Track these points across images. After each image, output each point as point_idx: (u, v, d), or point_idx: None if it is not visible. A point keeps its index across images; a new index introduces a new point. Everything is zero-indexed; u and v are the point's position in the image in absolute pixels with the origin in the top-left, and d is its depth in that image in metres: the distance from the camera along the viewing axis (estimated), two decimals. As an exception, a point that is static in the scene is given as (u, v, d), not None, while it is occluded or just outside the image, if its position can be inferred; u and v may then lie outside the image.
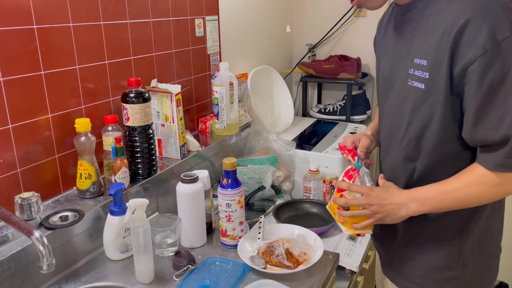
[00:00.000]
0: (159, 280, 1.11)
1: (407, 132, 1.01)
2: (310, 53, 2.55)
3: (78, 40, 1.23)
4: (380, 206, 1.00)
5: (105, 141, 1.30)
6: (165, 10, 1.55)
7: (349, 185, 1.05)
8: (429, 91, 0.92)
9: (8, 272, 0.97)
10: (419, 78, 0.94)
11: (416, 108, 0.97)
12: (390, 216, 1.01)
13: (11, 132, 1.09)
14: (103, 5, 1.30)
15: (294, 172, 1.80)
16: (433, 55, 0.90)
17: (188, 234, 1.26)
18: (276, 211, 1.47)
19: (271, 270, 1.12)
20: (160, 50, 1.55)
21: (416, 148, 1.01)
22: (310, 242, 1.20)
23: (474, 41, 0.83)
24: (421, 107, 0.95)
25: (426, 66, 0.92)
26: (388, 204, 1.00)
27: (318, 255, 1.14)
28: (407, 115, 1.00)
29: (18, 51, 1.08)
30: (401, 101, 1.02)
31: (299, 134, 2.06)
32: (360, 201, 1.03)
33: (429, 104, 0.94)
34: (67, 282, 1.10)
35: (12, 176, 1.10)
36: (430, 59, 0.91)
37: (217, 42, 1.87)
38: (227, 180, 1.21)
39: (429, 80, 0.92)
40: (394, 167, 1.09)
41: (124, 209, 1.15)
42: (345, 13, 2.41)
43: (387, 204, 1.00)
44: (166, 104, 1.43)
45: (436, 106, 0.92)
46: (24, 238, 1.01)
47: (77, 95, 1.26)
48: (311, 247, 1.18)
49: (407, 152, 1.03)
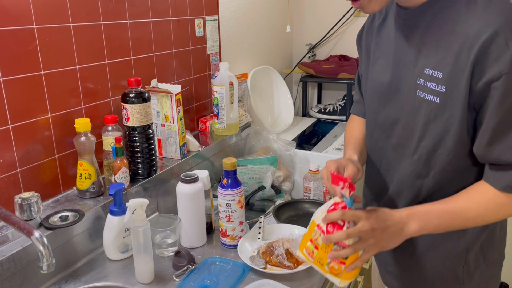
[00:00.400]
0: (159, 280, 1.11)
1: (419, 146, 0.95)
2: (310, 53, 2.55)
3: (78, 40, 1.23)
4: (383, 230, 0.89)
5: (105, 141, 1.30)
6: (165, 10, 1.55)
7: (343, 213, 0.89)
8: (445, 105, 0.87)
9: (8, 272, 0.97)
10: (432, 91, 0.88)
11: (430, 122, 0.91)
12: (392, 240, 0.90)
13: (11, 132, 1.09)
14: (103, 5, 1.30)
15: (294, 172, 1.80)
16: (450, 67, 0.84)
17: (188, 234, 1.26)
18: (276, 211, 1.47)
19: (271, 270, 1.12)
20: (160, 50, 1.55)
21: (426, 164, 0.95)
22: None
23: (500, 57, 0.78)
24: (435, 122, 0.90)
25: (441, 79, 0.86)
26: (391, 226, 0.89)
27: None
28: (419, 129, 0.93)
29: (18, 51, 1.08)
30: (410, 112, 0.95)
31: (299, 134, 2.06)
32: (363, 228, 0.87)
33: (444, 119, 0.88)
34: (67, 282, 1.10)
35: (12, 176, 1.10)
36: (446, 71, 0.85)
37: (217, 42, 1.87)
38: (227, 180, 1.21)
39: (446, 94, 0.86)
40: (401, 182, 1.02)
41: (124, 209, 1.15)
42: (345, 13, 2.41)
43: (390, 226, 0.89)
44: (166, 104, 1.43)
45: (452, 121, 0.87)
46: (24, 238, 1.01)
47: (77, 95, 1.26)
48: None
49: (417, 167, 0.97)
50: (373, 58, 1.07)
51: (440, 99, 0.87)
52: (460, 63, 0.83)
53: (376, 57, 1.06)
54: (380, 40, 1.05)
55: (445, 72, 0.85)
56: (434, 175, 0.95)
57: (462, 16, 0.83)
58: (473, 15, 0.82)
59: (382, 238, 0.89)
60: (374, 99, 1.07)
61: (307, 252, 0.96)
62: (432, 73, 0.88)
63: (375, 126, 1.08)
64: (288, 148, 1.80)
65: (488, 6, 0.81)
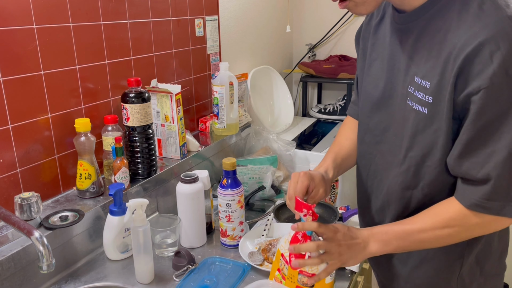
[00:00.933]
0: (159, 280, 1.11)
1: (407, 156, 0.92)
2: (310, 53, 2.55)
3: (78, 40, 1.23)
4: (349, 246, 0.91)
5: (105, 141, 1.30)
6: (165, 10, 1.55)
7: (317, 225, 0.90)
8: (433, 116, 0.85)
9: (8, 272, 0.97)
10: (420, 101, 0.86)
11: (417, 134, 0.88)
12: (356, 257, 0.92)
13: (11, 132, 1.09)
14: (103, 5, 1.30)
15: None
16: (437, 78, 0.83)
17: (188, 234, 1.26)
18: (276, 211, 1.47)
19: (267, 268, 1.12)
20: (160, 50, 1.55)
21: (415, 175, 0.92)
22: None
23: (482, 71, 0.76)
24: (423, 133, 0.88)
25: (429, 89, 0.84)
26: (356, 244, 0.91)
27: None
28: (407, 139, 0.91)
29: (18, 51, 1.08)
30: (401, 120, 0.94)
31: (299, 134, 2.06)
32: (332, 241, 0.90)
33: (432, 131, 0.86)
34: (67, 282, 1.10)
35: (12, 176, 1.10)
36: (434, 82, 0.83)
37: (217, 42, 1.87)
38: (227, 180, 1.21)
39: (433, 105, 0.84)
40: (391, 192, 0.99)
41: (124, 209, 1.15)
42: (345, 13, 2.41)
43: (355, 244, 0.91)
44: (166, 104, 1.43)
45: (440, 133, 0.85)
46: (24, 238, 1.01)
47: (77, 95, 1.26)
48: None
49: (406, 179, 0.94)
50: (369, 60, 1.05)
51: (427, 110, 0.85)
52: (446, 74, 0.81)
53: (372, 59, 1.03)
54: (376, 41, 1.02)
55: (433, 82, 0.83)
56: (423, 187, 0.92)
57: (453, 25, 0.81)
58: (463, 25, 0.80)
59: (346, 253, 0.91)
60: (367, 103, 1.05)
61: (276, 282, 0.99)
62: (421, 82, 0.86)
63: (367, 130, 1.06)
64: (288, 148, 1.80)
65: (478, 16, 0.78)
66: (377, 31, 1.02)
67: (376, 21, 1.04)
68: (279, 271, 0.98)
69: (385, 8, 1.02)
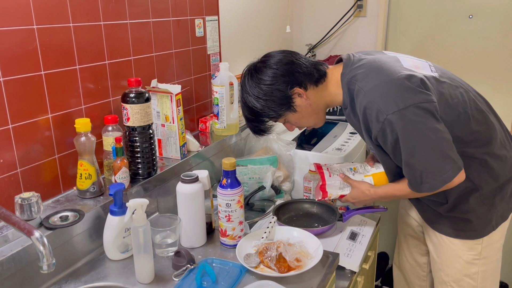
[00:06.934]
0: (159, 280, 1.11)
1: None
2: (310, 53, 2.55)
3: (78, 40, 1.23)
4: (363, 192, 1.39)
5: (105, 141, 1.30)
6: (165, 10, 1.55)
7: (345, 177, 1.42)
8: (380, 153, 1.32)
9: (8, 272, 0.98)
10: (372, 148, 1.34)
11: (383, 162, 1.36)
12: (362, 202, 1.42)
13: (11, 132, 1.09)
14: (103, 5, 1.30)
15: (294, 172, 1.80)
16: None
17: (188, 234, 1.26)
18: (276, 211, 1.47)
19: (262, 270, 1.12)
20: (160, 50, 1.55)
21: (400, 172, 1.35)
22: (310, 250, 1.18)
23: (371, 120, 1.20)
24: (386, 162, 1.36)
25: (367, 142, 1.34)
26: (367, 196, 1.39)
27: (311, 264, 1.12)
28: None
29: (18, 51, 1.08)
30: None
31: (299, 134, 2.06)
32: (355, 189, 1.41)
33: (386, 158, 1.32)
34: (67, 282, 1.10)
35: (12, 176, 1.11)
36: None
37: (217, 42, 1.87)
38: (227, 180, 1.21)
39: (375, 150, 1.33)
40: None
41: (124, 209, 1.16)
42: (345, 13, 2.41)
43: (366, 195, 1.39)
44: (166, 104, 1.43)
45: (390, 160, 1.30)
46: (24, 238, 1.01)
47: (77, 95, 1.26)
48: (309, 255, 1.16)
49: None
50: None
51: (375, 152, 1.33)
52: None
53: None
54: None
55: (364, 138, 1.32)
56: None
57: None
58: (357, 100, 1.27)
59: (358, 198, 1.40)
60: None
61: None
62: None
63: None
64: (288, 148, 1.80)
65: (358, 97, 1.24)
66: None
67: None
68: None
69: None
